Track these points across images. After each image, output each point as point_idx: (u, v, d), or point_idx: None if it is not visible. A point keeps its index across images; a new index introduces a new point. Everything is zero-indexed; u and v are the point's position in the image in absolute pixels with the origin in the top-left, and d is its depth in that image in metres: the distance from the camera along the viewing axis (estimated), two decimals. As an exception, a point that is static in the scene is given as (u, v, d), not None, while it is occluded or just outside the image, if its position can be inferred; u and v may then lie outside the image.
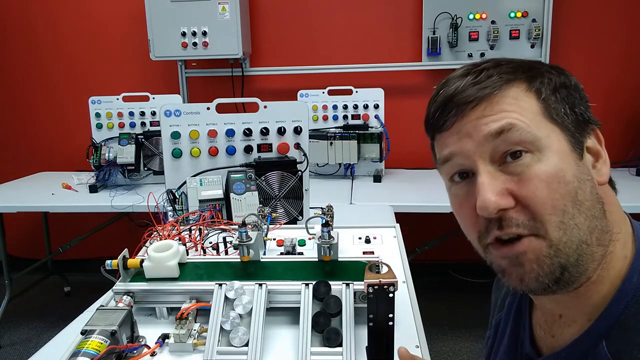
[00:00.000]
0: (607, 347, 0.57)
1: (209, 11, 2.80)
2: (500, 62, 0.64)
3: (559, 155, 0.58)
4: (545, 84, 0.62)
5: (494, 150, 0.60)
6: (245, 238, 0.99)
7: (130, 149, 2.53)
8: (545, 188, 0.57)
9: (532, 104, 0.60)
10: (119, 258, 0.94)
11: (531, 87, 0.61)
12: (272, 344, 0.86)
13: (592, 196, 0.59)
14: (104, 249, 2.50)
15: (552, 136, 0.59)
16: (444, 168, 0.66)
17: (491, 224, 0.60)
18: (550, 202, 0.57)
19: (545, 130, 0.59)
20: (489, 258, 0.64)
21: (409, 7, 3.02)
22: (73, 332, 0.99)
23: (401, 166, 2.95)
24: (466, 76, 0.63)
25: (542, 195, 0.57)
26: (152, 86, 3.08)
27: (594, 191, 0.59)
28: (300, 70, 3.10)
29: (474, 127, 0.61)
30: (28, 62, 3.35)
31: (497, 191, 0.58)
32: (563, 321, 0.66)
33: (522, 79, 0.62)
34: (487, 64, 0.64)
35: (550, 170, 0.57)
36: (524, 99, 0.60)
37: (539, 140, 0.58)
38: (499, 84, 0.61)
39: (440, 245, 2.86)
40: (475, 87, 0.61)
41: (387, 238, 1.30)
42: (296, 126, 1.55)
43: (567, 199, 0.57)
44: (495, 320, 0.84)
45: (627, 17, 2.89)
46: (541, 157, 0.58)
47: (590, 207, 0.58)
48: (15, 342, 2.83)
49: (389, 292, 0.74)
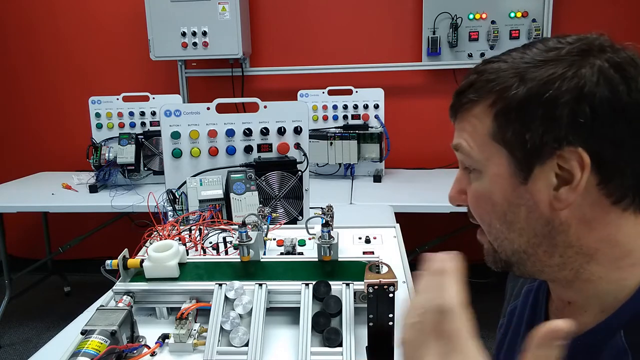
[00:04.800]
0: (624, 338, 0.58)
1: (209, 11, 2.80)
2: (499, 72, 0.61)
3: (492, 178, 0.63)
4: (508, 101, 0.59)
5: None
6: (245, 238, 0.99)
7: (130, 149, 2.53)
8: (474, 204, 0.67)
9: (486, 124, 0.62)
10: (119, 258, 0.94)
11: (495, 104, 0.60)
12: (272, 344, 0.86)
13: (528, 219, 0.61)
14: (104, 249, 2.49)
15: (493, 158, 0.62)
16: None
17: None
18: (478, 215, 0.67)
19: (487, 153, 0.62)
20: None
21: (409, 7, 3.02)
22: (73, 332, 0.98)
23: (401, 166, 2.95)
24: (470, 75, 0.65)
25: (472, 207, 0.67)
26: (152, 86, 3.08)
27: (533, 215, 0.61)
28: (300, 70, 3.10)
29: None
30: (28, 62, 3.35)
31: (456, 189, 0.69)
32: (573, 308, 0.67)
33: (496, 91, 0.60)
34: (487, 67, 0.63)
35: (480, 190, 0.65)
36: (482, 118, 0.62)
37: (477, 163, 0.64)
38: (466, 103, 0.64)
39: (440, 245, 2.85)
40: (457, 100, 0.66)
41: (387, 238, 1.30)
42: (296, 126, 1.55)
43: (494, 217, 0.64)
44: (510, 307, 0.84)
45: (627, 17, 2.89)
46: (479, 177, 0.65)
47: (526, 227, 0.62)
48: (15, 342, 2.83)
49: (389, 292, 0.74)
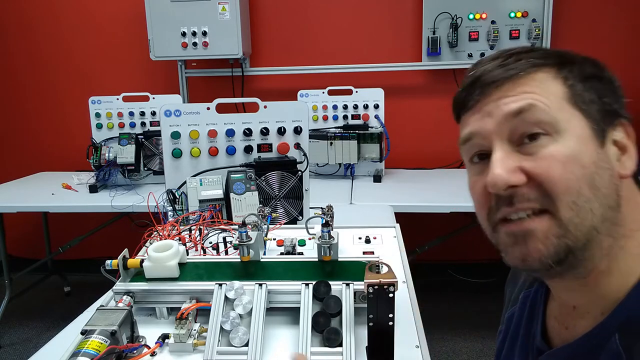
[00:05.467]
0: (619, 341, 0.57)
1: (209, 11, 2.80)
2: (533, 48, 0.64)
3: (578, 139, 0.58)
4: (575, 72, 0.61)
5: (512, 131, 0.60)
6: (245, 238, 0.99)
7: (130, 149, 2.53)
8: (561, 168, 0.56)
9: (557, 88, 0.60)
10: (119, 258, 0.94)
11: (559, 73, 0.61)
12: (272, 344, 0.86)
13: (610, 185, 0.58)
14: (104, 249, 2.50)
15: (572, 120, 0.59)
16: (464, 149, 0.66)
17: (501, 201, 0.60)
18: (564, 182, 0.56)
19: (566, 114, 0.59)
20: (495, 237, 0.63)
21: (409, 7, 3.02)
22: (73, 332, 0.98)
23: (401, 166, 2.95)
24: (496, 59, 0.63)
25: (556, 173, 0.56)
26: (152, 86, 3.08)
27: (612, 181, 0.59)
28: (300, 70, 3.09)
29: (495, 107, 0.61)
30: (28, 62, 3.35)
31: (508, 168, 0.58)
32: (577, 313, 0.66)
33: (551, 64, 0.61)
34: (519, 49, 0.64)
35: (567, 151, 0.57)
36: (550, 83, 0.60)
37: (558, 123, 0.58)
38: (526, 67, 0.61)
39: (440, 245, 2.85)
40: (502, 69, 0.61)
41: (387, 238, 1.30)
42: (296, 126, 1.55)
43: (583, 182, 0.56)
44: (508, 314, 0.83)
45: (627, 17, 2.89)
46: (559, 139, 0.57)
47: (607, 195, 0.58)
48: (15, 342, 2.83)
49: (389, 292, 0.74)
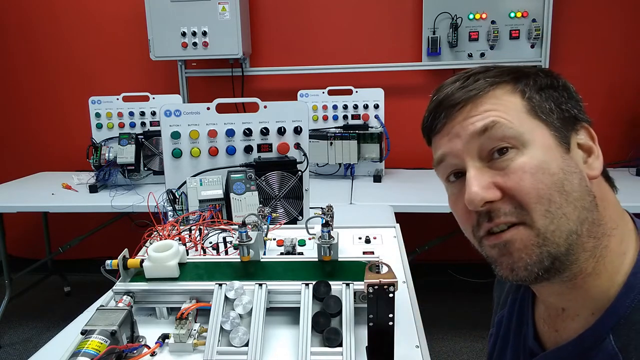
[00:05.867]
0: (613, 341, 0.58)
1: (209, 11, 2.80)
2: (489, 67, 0.67)
3: (544, 148, 0.60)
4: (530, 85, 0.64)
5: (480, 148, 0.62)
6: (245, 238, 0.99)
7: (130, 149, 2.53)
8: (530, 178, 0.59)
9: (517, 103, 0.63)
10: (119, 258, 0.94)
11: (516, 88, 0.64)
12: (272, 344, 0.86)
13: (580, 188, 0.60)
14: (104, 249, 2.50)
15: (536, 131, 0.61)
16: (440, 169, 0.69)
17: (481, 217, 0.63)
18: (535, 192, 0.59)
19: (529, 126, 0.61)
20: (483, 251, 0.66)
21: (409, 7, 3.02)
22: (73, 332, 0.98)
23: (401, 166, 2.95)
24: (456, 82, 0.67)
25: (526, 185, 0.59)
26: (152, 86, 3.08)
27: (583, 183, 0.60)
28: (300, 70, 3.09)
29: (461, 128, 0.64)
30: (28, 62, 3.35)
31: (482, 185, 0.61)
32: (566, 315, 0.66)
33: (507, 80, 0.65)
34: (476, 70, 0.67)
35: (534, 162, 0.59)
36: (509, 98, 0.63)
37: (522, 135, 0.60)
38: (485, 86, 0.64)
39: (440, 245, 2.86)
40: (462, 91, 0.65)
41: (387, 238, 1.30)
42: (296, 126, 1.55)
43: (553, 189, 0.59)
44: (497, 317, 0.84)
45: (627, 16, 2.89)
46: (525, 151, 0.60)
47: (579, 198, 0.59)
48: (15, 342, 2.83)
49: (389, 292, 0.74)
